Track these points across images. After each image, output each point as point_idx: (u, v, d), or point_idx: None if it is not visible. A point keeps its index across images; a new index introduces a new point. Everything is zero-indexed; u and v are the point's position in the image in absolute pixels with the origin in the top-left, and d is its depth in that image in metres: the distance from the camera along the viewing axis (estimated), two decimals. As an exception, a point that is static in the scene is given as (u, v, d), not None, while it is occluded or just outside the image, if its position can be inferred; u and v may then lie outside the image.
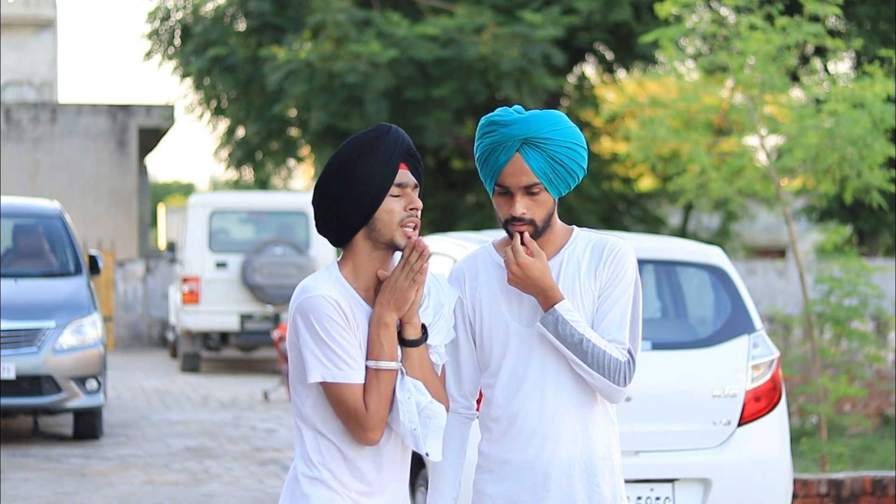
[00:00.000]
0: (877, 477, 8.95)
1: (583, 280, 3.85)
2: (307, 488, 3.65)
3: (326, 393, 3.61)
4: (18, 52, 40.63)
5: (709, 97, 12.28)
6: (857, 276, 11.14)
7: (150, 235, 43.45)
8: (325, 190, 3.67)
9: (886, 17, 23.58)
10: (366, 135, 3.67)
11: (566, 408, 3.83)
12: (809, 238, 32.87)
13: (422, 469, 7.38)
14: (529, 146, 3.80)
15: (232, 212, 19.90)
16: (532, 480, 3.84)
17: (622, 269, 3.84)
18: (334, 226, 3.68)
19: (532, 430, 3.83)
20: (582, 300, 3.84)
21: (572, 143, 3.82)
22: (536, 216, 3.82)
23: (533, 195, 3.81)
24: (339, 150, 3.68)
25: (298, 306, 3.61)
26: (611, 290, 3.83)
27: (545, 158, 3.80)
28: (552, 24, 21.85)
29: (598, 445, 3.85)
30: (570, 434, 3.83)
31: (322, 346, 3.58)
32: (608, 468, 3.85)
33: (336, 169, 3.65)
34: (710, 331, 7.39)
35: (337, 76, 21.43)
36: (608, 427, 3.89)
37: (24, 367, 11.75)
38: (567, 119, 3.87)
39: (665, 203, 28.13)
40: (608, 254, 3.84)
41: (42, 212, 13.36)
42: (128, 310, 24.38)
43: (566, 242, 3.89)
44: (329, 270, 3.68)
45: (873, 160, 10.99)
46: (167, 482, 10.30)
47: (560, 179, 3.82)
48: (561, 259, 3.88)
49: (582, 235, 3.92)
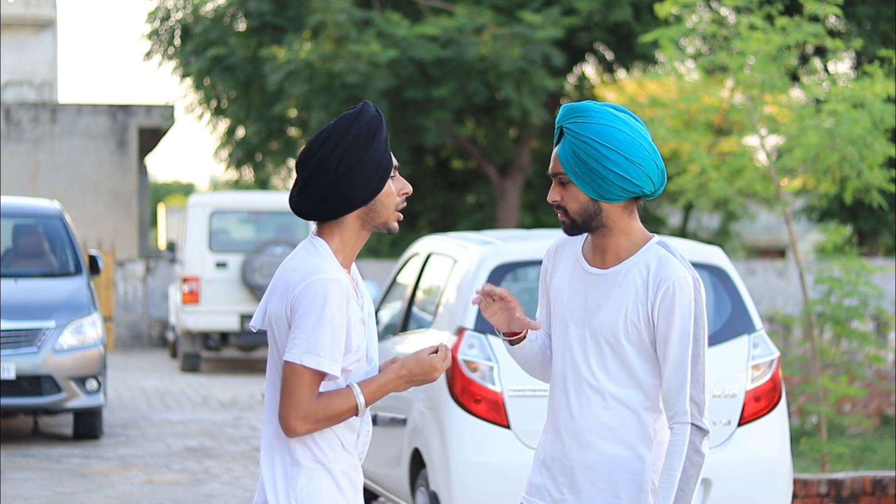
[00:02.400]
0: (877, 477, 8.94)
1: (633, 301, 3.73)
2: (307, 472, 3.63)
3: (288, 371, 3.56)
4: (18, 52, 40.63)
5: (709, 97, 12.28)
6: (857, 276, 11.14)
7: (150, 235, 43.46)
8: (332, 165, 3.60)
9: (886, 17, 23.59)
10: (366, 113, 3.64)
11: (600, 414, 3.77)
12: (809, 238, 32.88)
13: (422, 469, 7.38)
14: (565, 135, 3.76)
15: (232, 212, 19.89)
16: (561, 477, 3.82)
17: (673, 312, 3.69)
18: (333, 202, 3.62)
19: (565, 428, 3.80)
20: (626, 321, 3.73)
21: (592, 140, 3.70)
22: (569, 207, 3.75)
23: (563, 185, 3.76)
24: (343, 126, 3.61)
25: (309, 285, 3.54)
26: (665, 337, 3.71)
27: (571, 150, 3.73)
28: (552, 25, 21.86)
29: (627, 457, 3.76)
30: (599, 440, 3.76)
31: (319, 330, 3.53)
32: (635, 482, 3.75)
33: (348, 145, 3.60)
34: (710, 331, 7.38)
35: (337, 76, 21.44)
36: (643, 441, 3.77)
37: (24, 367, 11.75)
38: (604, 115, 3.74)
39: (665, 203, 28.14)
40: (661, 291, 3.70)
41: (42, 212, 13.35)
42: (128, 310, 24.38)
43: (634, 253, 3.79)
44: (323, 247, 3.63)
45: (873, 160, 10.99)
46: (167, 482, 10.30)
47: (587, 176, 3.71)
48: (621, 270, 3.76)
49: (652, 250, 3.77)
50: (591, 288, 3.79)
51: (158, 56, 24.71)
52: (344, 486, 3.65)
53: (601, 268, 3.79)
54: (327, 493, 3.63)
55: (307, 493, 3.61)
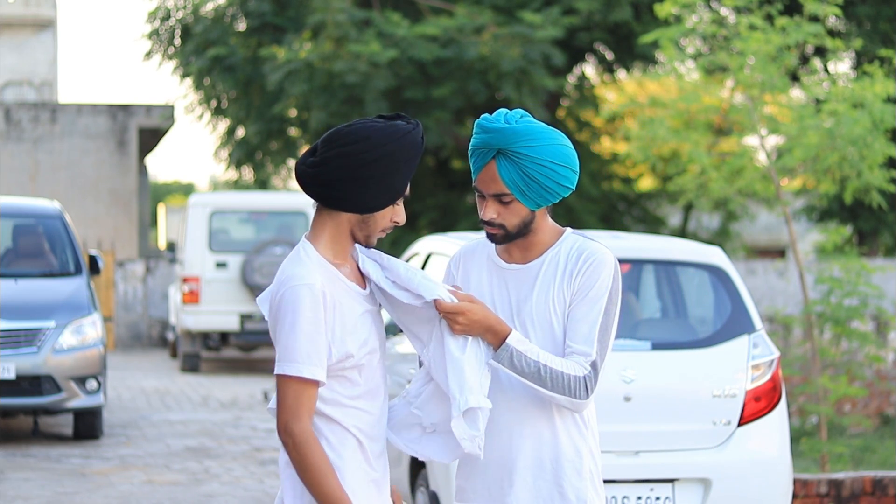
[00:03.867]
0: (877, 477, 8.95)
1: (558, 285, 3.84)
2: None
3: (277, 384, 3.55)
4: (18, 52, 40.63)
5: (709, 97, 12.28)
6: (857, 276, 11.15)
7: (150, 235, 43.46)
8: (361, 162, 3.54)
9: (886, 17, 23.58)
10: (416, 133, 3.60)
11: (534, 408, 3.84)
12: (809, 238, 32.87)
13: (422, 469, 7.38)
14: (504, 157, 3.80)
15: (232, 212, 19.90)
16: (500, 475, 3.86)
17: (595, 279, 3.82)
18: (336, 193, 3.57)
19: (501, 426, 3.85)
20: (554, 305, 3.84)
21: (548, 161, 3.79)
22: (507, 222, 3.83)
23: (504, 204, 3.83)
24: (392, 135, 3.56)
25: (282, 297, 3.55)
26: (581, 298, 3.83)
27: (518, 171, 3.79)
28: (552, 25, 21.85)
29: (565, 446, 3.84)
30: (536, 433, 3.84)
31: (293, 337, 3.52)
32: (574, 470, 3.83)
33: (386, 154, 3.55)
34: (710, 331, 7.39)
35: (337, 76, 21.43)
36: (579, 429, 3.87)
37: (24, 367, 11.75)
38: (554, 135, 3.83)
39: (665, 203, 28.13)
40: (584, 262, 3.83)
41: (42, 212, 13.35)
42: (128, 310, 24.38)
43: (552, 245, 3.90)
44: (306, 252, 3.61)
45: (873, 160, 10.99)
46: (167, 482, 10.30)
47: (535, 193, 3.81)
48: (542, 261, 3.88)
49: (570, 239, 3.91)
50: (514, 282, 3.90)
51: (158, 56, 24.69)
52: (359, 491, 3.62)
53: (521, 263, 3.91)
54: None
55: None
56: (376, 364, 3.67)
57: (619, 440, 6.95)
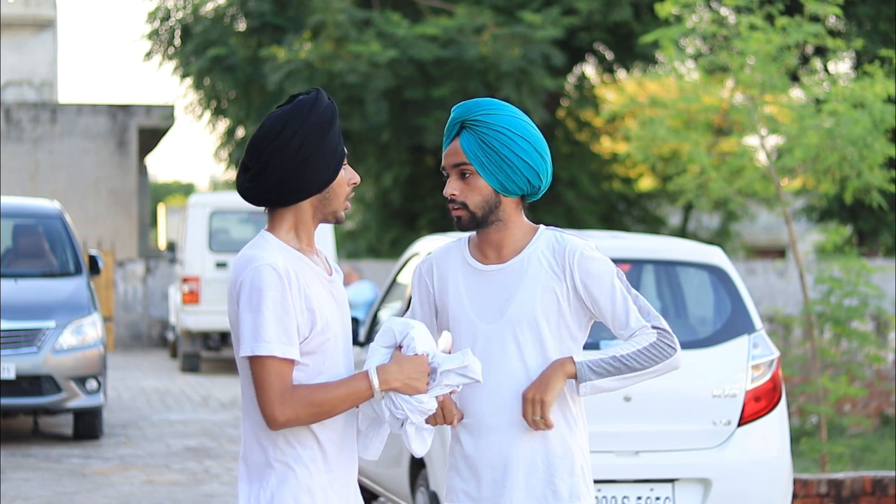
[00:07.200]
0: (877, 477, 8.95)
1: (544, 282, 3.85)
2: (280, 475, 3.55)
3: (250, 367, 3.51)
4: (18, 52, 40.64)
5: (709, 97, 12.28)
6: (857, 276, 11.14)
7: (150, 235, 43.46)
8: (292, 151, 3.56)
9: (886, 17, 23.58)
10: (321, 100, 3.62)
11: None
12: (809, 238, 32.87)
13: (422, 469, 7.38)
14: (466, 129, 3.86)
15: (232, 212, 19.89)
16: (492, 476, 3.87)
17: (594, 267, 3.85)
18: (289, 188, 3.57)
19: (492, 427, 3.86)
20: (542, 303, 3.84)
21: (506, 129, 3.82)
22: (469, 200, 3.84)
23: (464, 178, 3.85)
24: (301, 112, 3.58)
25: (244, 279, 3.50)
26: (599, 293, 3.85)
27: (477, 140, 3.83)
28: (552, 25, 21.86)
29: (556, 445, 3.86)
30: (527, 434, 3.85)
31: (261, 317, 3.47)
32: (567, 467, 3.85)
33: (308, 131, 3.57)
34: (710, 331, 7.39)
35: (337, 76, 21.44)
36: (570, 427, 3.88)
37: (24, 367, 11.75)
38: (512, 109, 3.88)
39: (665, 203, 28.14)
40: (571, 256, 3.85)
41: (42, 212, 13.35)
42: (128, 310, 24.38)
43: (530, 241, 3.90)
44: (265, 239, 3.58)
45: (873, 160, 10.99)
46: (167, 482, 10.30)
47: (494, 166, 3.81)
48: (522, 259, 3.88)
49: (545, 235, 3.91)
50: (493, 283, 3.89)
51: (158, 56, 24.69)
52: (318, 496, 3.56)
53: (498, 263, 3.90)
54: (296, 499, 3.54)
55: (277, 497, 3.53)
56: (338, 354, 3.62)
57: (619, 440, 6.95)
